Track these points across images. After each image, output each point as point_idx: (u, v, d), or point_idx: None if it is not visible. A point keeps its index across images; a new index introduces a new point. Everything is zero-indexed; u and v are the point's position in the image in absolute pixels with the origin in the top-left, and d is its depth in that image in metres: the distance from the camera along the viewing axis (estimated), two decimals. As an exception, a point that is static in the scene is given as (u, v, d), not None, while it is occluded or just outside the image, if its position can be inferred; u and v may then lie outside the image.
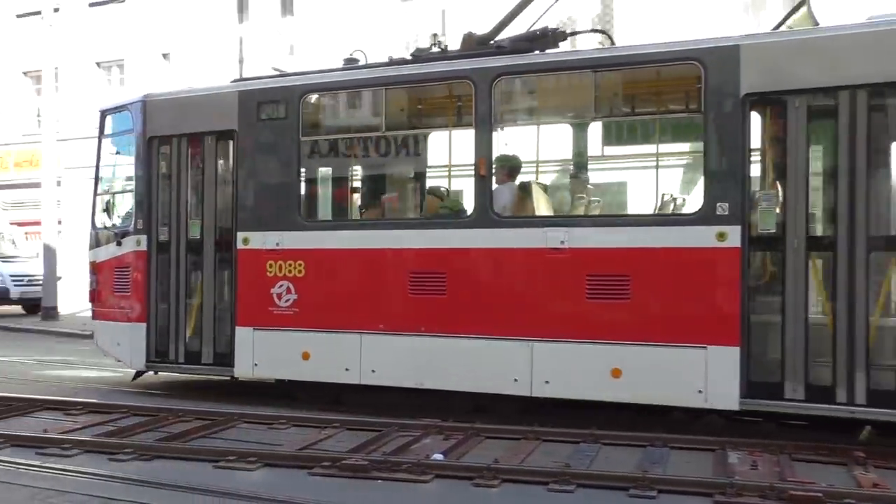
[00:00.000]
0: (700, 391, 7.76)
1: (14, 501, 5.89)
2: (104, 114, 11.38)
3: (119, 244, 10.80)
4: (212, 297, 10.23)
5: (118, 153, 11.41)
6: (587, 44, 9.66)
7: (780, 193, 7.71)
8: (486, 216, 8.69)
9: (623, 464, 6.78)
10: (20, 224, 25.22)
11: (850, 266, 7.32)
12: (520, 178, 9.47)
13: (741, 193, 7.68)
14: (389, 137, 10.82)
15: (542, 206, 9.30)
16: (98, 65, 26.68)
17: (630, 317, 8.05)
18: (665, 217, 8.66)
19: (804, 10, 8.84)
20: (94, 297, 11.44)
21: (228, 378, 10.25)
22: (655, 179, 9.13)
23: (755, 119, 7.89)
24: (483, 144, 8.73)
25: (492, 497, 6.04)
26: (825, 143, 7.73)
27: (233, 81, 10.79)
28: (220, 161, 10.31)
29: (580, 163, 10.14)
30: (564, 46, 9.42)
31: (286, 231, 9.65)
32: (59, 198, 22.85)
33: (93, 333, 12.00)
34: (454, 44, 9.75)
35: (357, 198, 11.03)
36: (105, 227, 11.25)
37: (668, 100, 9.50)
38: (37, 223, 22.48)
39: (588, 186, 9.83)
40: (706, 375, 7.73)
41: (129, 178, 10.98)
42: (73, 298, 20.28)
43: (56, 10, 25.11)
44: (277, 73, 10.82)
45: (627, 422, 8.18)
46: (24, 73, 27.90)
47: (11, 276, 21.90)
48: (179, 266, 10.45)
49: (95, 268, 11.43)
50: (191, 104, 10.59)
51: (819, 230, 7.70)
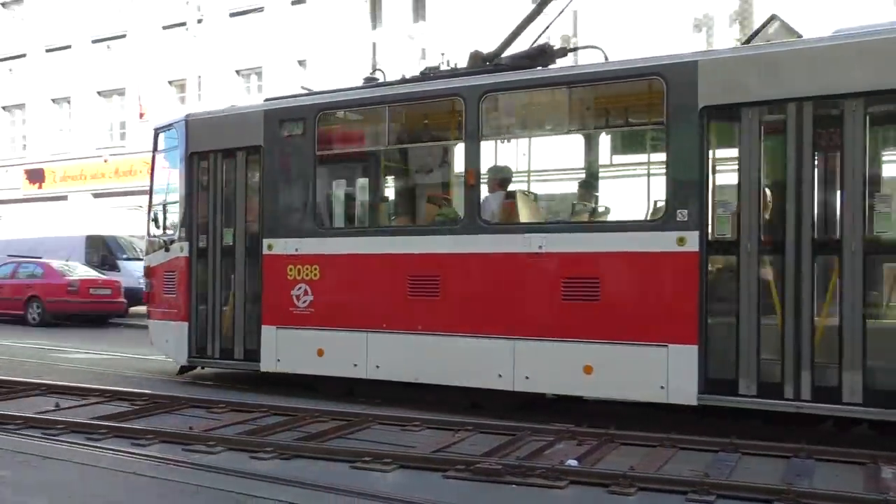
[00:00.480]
0: (662, 387, 8.30)
1: (163, 495, 6.16)
2: (157, 132, 12.51)
3: (167, 250, 11.97)
4: (243, 299, 11.21)
5: (168, 168, 12.36)
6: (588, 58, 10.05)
7: (736, 200, 8.13)
8: (475, 223, 9.41)
9: (765, 475, 6.54)
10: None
11: (797, 269, 7.76)
12: (510, 187, 10.09)
13: (699, 201, 8.18)
14: (393, 151, 11.50)
15: (526, 214, 9.78)
16: (237, 72, 27.63)
17: (600, 317, 8.64)
18: (631, 223, 9.08)
19: (777, 24, 9.07)
20: (148, 299, 12.71)
21: (256, 372, 11.07)
22: (625, 188, 10.16)
23: (712, 130, 8.33)
24: (472, 156, 9.45)
25: (628, 505, 5.94)
26: (775, 153, 8.05)
27: (265, 101, 11.74)
28: (250, 174, 11.27)
29: (559, 172, 10.96)
30: (565, 62, 10.01)
31: (303, 238, 10.60)
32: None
33: (148, 331, 12.85)
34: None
35: (365, 207, 11.68)
36: (156, 236, 12.38)
37: (635, 113, 9.98)
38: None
39: (565, 194, 10.56)
40: (667, 372, 8.24)
41: (176, 190, 11.94)
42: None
43: (199, 21, 26.24)
44: (306, 92, 11.52)
45: (769, 432, 7.90)
46: (169, 83, 29.14)
47: None
48: (216, 270, 11.49)
49: (149, 272, 12.77)
50: (225, 122, 11.69)
51: (769, 235, 8.01)
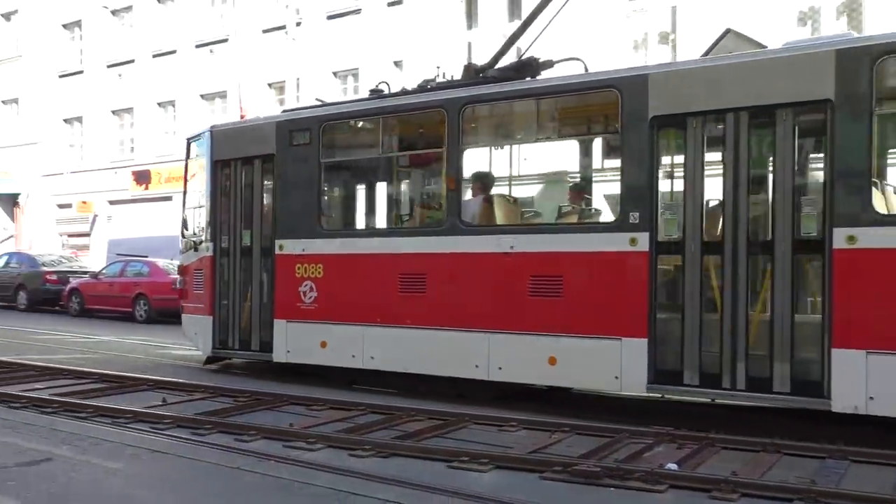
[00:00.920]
0: (616, 377, 8.98)
1: (265, 491, 6.29)
2: (189, 141, 13.58)
3: (196, 250, 13.13)
4: (258, 295, 12.17)
5: (197, 174, 13.39)
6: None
7: (681, 203, 8.75)
8: (456, 225, 10.22)
9: (876, 484, 6.31)
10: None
11: (734, 268, 8.38)
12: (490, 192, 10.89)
13: (649, 204, 8.82)
14: (387, 158, 12.29)
15: (501, 217, 10.52)
16: (335, 74, 28.01)
17: (562, 312, 9.37)
18: (589, 225, 10.10)
19: (733, 36, 9.64)
20: (181, 295, 13.94)
21: (269, 362, 12.11)
22: (585, 192, 11.10)
23: (661, 138, 8.96)
24: (453, 163, 10.22)
25: (730, 511, 5.81)
26: (716, 159, 8.62)
27: (282, 112, 12.83)
28: (265, 180, 12.24)
29: (531, 178, 11.81)
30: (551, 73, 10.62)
31: (309, 239, 11.52)
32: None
33: (182, 324, 13.94)
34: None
35: (362, 210, 12.77)
36: (188, 237, 13.53)
37: (594, 122, 10.82)
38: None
39: (534, 198, 11.48)
40: (621, 364, 8.92)
41: (204, 195, 13.01)
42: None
43: (298, 24, 26.71)
44: (319, 104, 12.34)
45: (876, 438, 7.62)
46: (269, 85, 29.74)
47: None
48: (236, 269, 12.52)
49: (181, 270, 14.09)
50: (244, 133, 12.80)
51: (710, 236, 8.60)
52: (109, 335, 18.13)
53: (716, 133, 8.63)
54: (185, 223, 13.73)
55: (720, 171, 8.51)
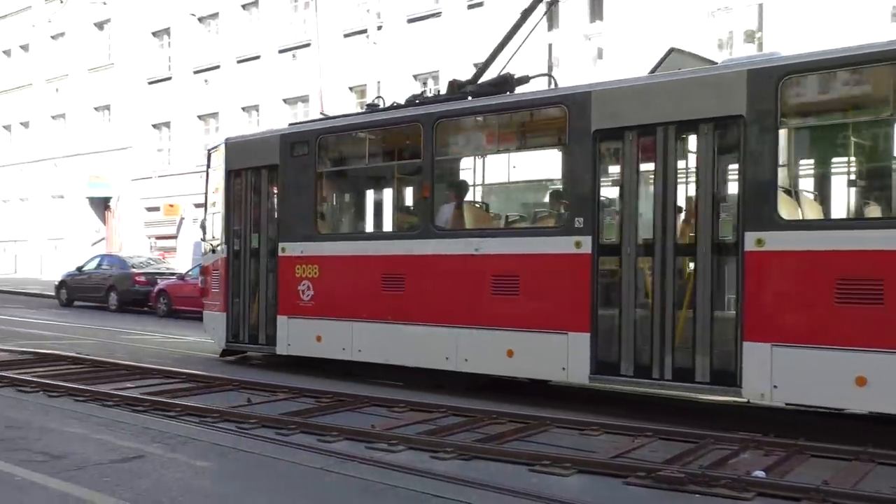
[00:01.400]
0: (564, 368, 9.79)
1: (348, 492, 6.36)
2: (209, 152, 14.69)
3: (213, 252, 14.37)
4: (265, 293, 13.22)
5: (215, 183, 14.46)
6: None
7: (619, 209, 9.54)
8: (430, 230, 11.09)
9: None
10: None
11: (663, 268, 9.12)
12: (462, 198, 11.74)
13: (592, 209, 9.62)
14: (373, 168, 13.31)
15: (469, 221, 11.46)
16: (415, 77, 28.14)
17: (519, 308, 10.19)
18: (541, 229, 10.94)
19: (676, 55, 10.33)
20: (202, 293, 15.30)
21: (273, 355, 13.16)
22: (540, 199, 12.10)
23: (602, 149, 9.75)
24: (427, 172, 11.17)
25: (821, 522, 5.67)
26: (649, 168, 9.38)
27: (289, 125, 14.11)
28: (271, 188, 13.27)
29: (496, 186, 12.74)
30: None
31: (307, 241, 12.54)
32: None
33: (203, 320, 15.24)
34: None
35: (351, 215, 13.84)
36: (208, 240, 14.81)
37: (546, 135, 11.50)
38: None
39: (499, 204, 12.42)
40: (567, 356, 9.71)
41: (220, 201, 14.13)
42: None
43: (379, 28, 26.92)
44: (322, 117, 13.49)
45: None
46: (350, 88, 30.04)
47: None
48: (246, 269, 13.57)
49: (202, 271, 15.50)
50: (254, 144, 13.84)
51: (643, 239, 9.33)
52: (193, 335, 18.50)
53: (648, 145, 9.36)
54: (204, 228, 15.07)
55: (651, 179, 9.38)
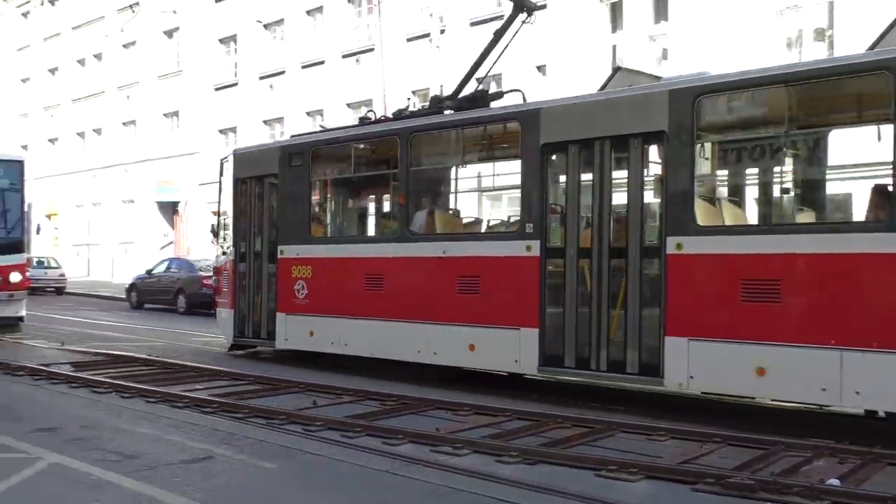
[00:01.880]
0: (516, 361, 10.76)
1: (414, 495, 6.37)
2: (221, 161, 15.83)
3: (224, 254, 15.64)
4: (266, 292, 14.39)
5: (226, 190, 15.62)
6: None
7: (563, 216, 10.53)
8: (405, 234, 12.19)
9: None
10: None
11: (599, 269, 10.08)
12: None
13: (541, 216, 10.59)
14: (357, 177, 14.51)
15: (440, 227, 12.40)
16: (478, 80, 28.06)
17: (479, 306, 11.18)
18: (497, 234, 12.23)
19: (623, 73, 11.25)
20: (215, 292, 16.89)
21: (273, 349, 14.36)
22: (499, 206, 13.30)
23: (549, 162, 10.74)
24: (402, 182, 12.29)
25: (898, 534, 5.52)
26: (588, 178, 10.32)
27: (291, 137, 15.58)
28: (272, 195, 14.38)
29: (460, 193, 13.72)
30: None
31: (301, 245, 13.69)
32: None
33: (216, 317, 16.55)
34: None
35: (338, 220, 14.92)
36: (219, 243, 16.04)
37: (504, 148, 12.68)
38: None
39: (465, 211, 13.60)
40: (519, 350, 10.66)
41: (230, 207, 15.44)
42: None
43: (442, 32, 26.98)
44: (321, 129, 14.91)
45: None
46: (413, 92, 30.13)
47: None
48: (250, 270, 14.80)
49: (215, 271, 17.16)
50: (258, 154, 15.15)
51: (584, 243, 10.28)
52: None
53: (588, 158, 10.30)
54: (215, 232, 16.35)
55: (590, 188, 10.28)
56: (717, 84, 9.42)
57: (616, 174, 10.07)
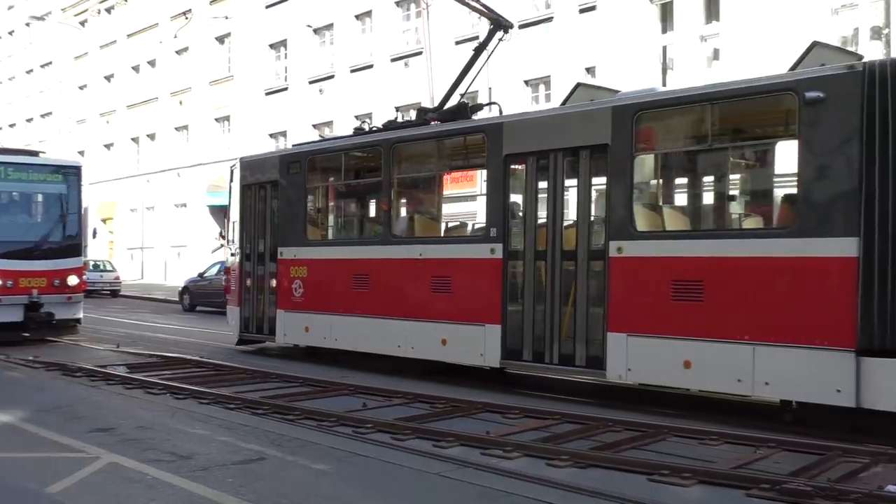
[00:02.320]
0: (481, 354, 11.62)
1: (465, 498, 6.37)
2: (231, 169, 16.81)
3: (233, 255, 16.75)
4: (268, 291, 15.40)
5: (234, 195, 16.66)
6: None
7: (523, 221, 11.51)
8: (388, 237, 13.24)
9: None
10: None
11: (553, 271, 10.96)
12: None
13: (503, 221, 11.53)
14: (347, 184, 15.58)
15: (419, 230, 13.32)
16: (526, 83, 28.06)
17: (450, 304, 12.07)
18: (465, 237, 13.31)
19: (583, 88, 12.01)
20: (226, 291, 18.18)
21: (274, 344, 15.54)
22: (468, 212, 14.11)
23: (511, 171, 11.64)
24: (386, 189, 13.35)
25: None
26: (544, 187, 11.17)
27: (293, 146, 16.59)
28: (273, 200, 15.46)
29: (437, 199, 14.39)
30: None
31: (298, 247, 14.76)
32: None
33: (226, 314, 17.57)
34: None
35: (330, 224, 15.88)
36: (228, 246, 17.21)
37: (471, 158, 13.71)
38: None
39: (439, 215, 14.17)
40: (484, 344, 11.55)
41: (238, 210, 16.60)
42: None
43: (490, 35, 26.88)
44: (319, 139, 16.03)
45: None
46: (461, 95, 30.14)
47: None
48: (254, 270, 15.88)
49: (225, 271, 18.73)
50: (262, 162, 16.15)
51: (541, 246, 11.13)
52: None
53: (544, 168, 11.16)
54: (223, 235, 17.84)
55: (544, 196, 11.10)
56: (653, 101, 10.40)
57: (568, 183, 11.02)
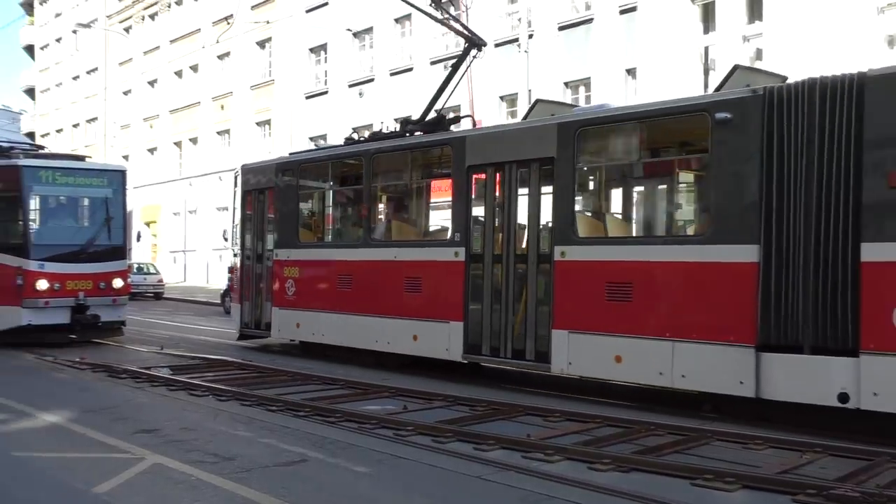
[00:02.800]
0: (447, 349, 12.64)
1: (506, 501, 6.36)
2: (235, 175, 17.94)
3: (236, 256, 17.82)
4: (265, 289, 16.55)
5: (237, 199, 17.82)
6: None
7: (482, 227, 12.48)
8: (367, 241, 14.29)
9: None
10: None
11: (507, 273, 11.98)
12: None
13: (466, 226, 12.55)
14: (332, 191, 16.59)
15: (395, 234, 14.59)
16: (566, 84, 27.95)
17: (421, 302, 13.14)
18: (433, 241, 14.03)
19: (541, 105, 12.92)
20: (230, 289, 20.10)
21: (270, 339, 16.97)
22: (439, 218, 14.93)
23: (472, 181, 12.76)
24: (366, 196, 14.50)
25: None
26: (502, 195, 12.21)
27: (290, 154, 17.68)
28: (270, 205, 16.56)
29: (412, 206, 15.48)
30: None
31: (291, 248, 15.86)
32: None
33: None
34: None
35: (318, 228, 16.80)
36: (231, 247, 18.40)
37: (440, 169, 14.38)
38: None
39: (414, 222, 15.21)
40: (449, 339, 12.59)
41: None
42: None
43: (530, 37, 26.87)
44: (315, 147, 16.72)
45: None
46: (500, 98, 30.14)
47: None
48: (253, 270, 17.01)
49: (229, 271, 20.44)
50: (260, 169, 17.16)
51: (497, 250, 12.17)
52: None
53: (500, 178, 12.20)
54: (225, 236, 19.41)
55: (502, 203, 12.15)
56: (592, 119, 11.37)
57: (521, 192, 11.96)
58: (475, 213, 12.69)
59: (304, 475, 6.98)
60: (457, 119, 14.56)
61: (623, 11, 26.00)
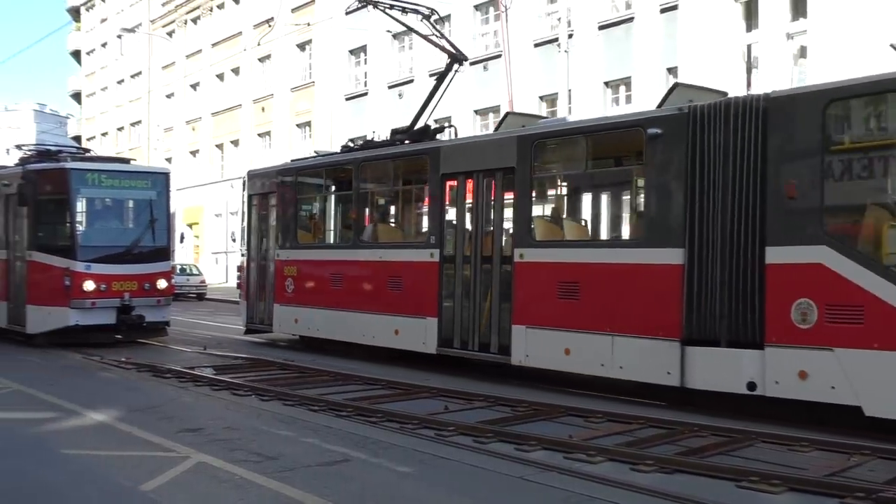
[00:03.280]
0: (424, 343, 13.68)
1: (549, 501, 6.35)
2: (243, 180, 19.19)
3: (243, 255, 19.10)
4: (269, 287, 17.78)
5: (245, 203, 19.12)
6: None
7: (454, 230, 13.55)
8: (356, 242, 15.65)
9: None
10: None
11: (475, 272, 13.02)
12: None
13: (440, 229, 13.72)
14: (325, 197, 17.80)
15: (381, 236, 15.54)
16: (606, 84, 27.79)
17: (402, 300, 14.22)
18: (412, 243, 15.05)
19: (512, 117, 14.20)
20: (238, 286, 20.98)
21: (271, 333, 18.20)
22: (421, 220, 15.85)
23: (447, 188, 13.78)
24: (357, 201, 15.82)
25: None
26: (470, 201, 13.32)
27: (291, 161, 19.21)
28: (273, 208, 17.87)
29: (395, 210, 16.89)
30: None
31: (290, 249, 17.20)
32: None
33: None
34: None
35: (314, 230, 17.80)
36: (239, 248, 19.61)
37: (420, 177, 15.05)
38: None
39: (397, 225, 16.59)
40: (426, 334, 13.63)
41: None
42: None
43: (570, 37, 26.77)
44: (315, 155, 18.75)
45: None
46: (541, 98, 30.03)
47: None
48: (257, 268, 18.40)
49: (238, 269, 21.70)
50: (263, 174, 18.58)
51: (466, 252, 13.22)
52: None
53: (470, 185, 13.23)
54: (234, 238, 20.77)
55: (472, 209, 13.23)
56: (546, 133, 12.56)
57: (487, 198, 12.98)
58: (448, 218, 13.84)
59: (347, 475, 7.02)
60: (441, 129, 15.47)
61: (664, 10, 25.78)
